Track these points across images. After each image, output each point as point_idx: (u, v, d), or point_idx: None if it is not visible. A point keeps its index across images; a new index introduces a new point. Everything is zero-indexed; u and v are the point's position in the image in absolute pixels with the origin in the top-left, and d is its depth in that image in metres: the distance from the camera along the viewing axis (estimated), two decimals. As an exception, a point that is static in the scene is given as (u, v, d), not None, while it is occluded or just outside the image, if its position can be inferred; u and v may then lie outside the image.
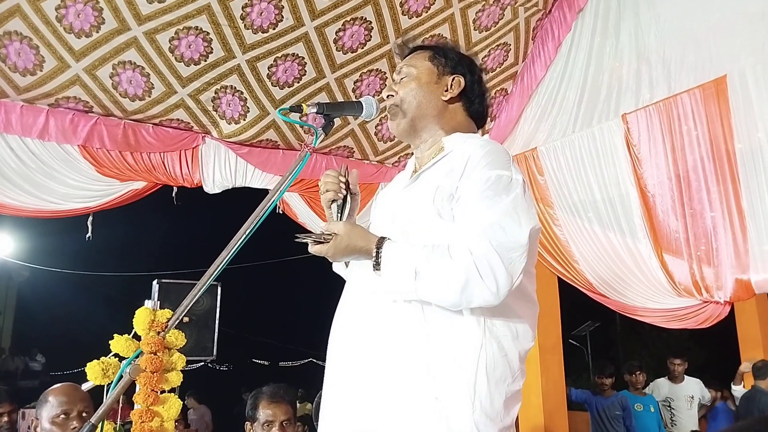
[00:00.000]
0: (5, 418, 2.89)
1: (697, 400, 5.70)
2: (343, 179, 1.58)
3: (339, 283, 1.67)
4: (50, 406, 2.28)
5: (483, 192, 1.36)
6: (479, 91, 1.66)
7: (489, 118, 4.53)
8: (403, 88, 1.61)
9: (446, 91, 1.61)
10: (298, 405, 9.62)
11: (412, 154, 1.71)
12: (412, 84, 1.60)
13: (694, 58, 3.45)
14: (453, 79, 1.61)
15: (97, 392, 2.35)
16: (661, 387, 5.80)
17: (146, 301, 2.79)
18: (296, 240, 1.44)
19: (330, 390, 1.48)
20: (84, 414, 2.28)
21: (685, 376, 5.78)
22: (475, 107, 1.65)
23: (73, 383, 2.42)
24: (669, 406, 5.69)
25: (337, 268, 1.71)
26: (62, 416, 2.25)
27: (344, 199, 1.57)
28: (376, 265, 1.38)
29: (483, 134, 1.68)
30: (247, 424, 2.55)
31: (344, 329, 1.51)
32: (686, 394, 5.67)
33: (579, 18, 4.17)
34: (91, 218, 3.85)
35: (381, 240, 1.40)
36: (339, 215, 1.56)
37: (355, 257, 1.44)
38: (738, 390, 5.52)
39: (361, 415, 1.37)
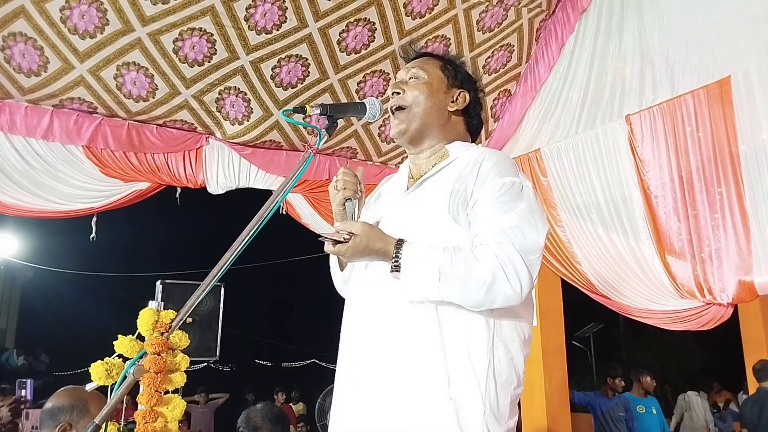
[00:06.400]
0: (8, 411, 2.87)
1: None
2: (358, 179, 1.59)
3: (342, 283, 1.66)
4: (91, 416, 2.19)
5: (499, 198, 1.43)
6: (479, 109, 1.72)
7: (492, 119, 4.54)
8: (412, 90, 1.60)
9: (452, 102, 1.63)
10: (292, 406, 9.64)
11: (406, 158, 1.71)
12: (423, 88, 1.60)
13: (698, 59, 3.44)
14: (460, 93, 1.64)
15: (101, 393, 2.34)
16: (692, 403, 5.78)
17: (150, 302, 2.79)
18: (318, 239, 1.45)
19: (343, 390, 1.49)
20: None
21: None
22: (474, 123, 1.71)
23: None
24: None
25: (333, 263, 1.70)
26: None
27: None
28: (396, 267, 1.40)
29: (486, 135, 1.70)
30: None
31: (357, 331, 1.51)
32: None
33: (582, 19, 4.16)
34: (95, 219, 3.87)
35: (399, 242, 1.41)
36: (354, 215, 1.56)
37: (371, 258, 1.45)
38: None
39: (375, 415, 1.39)
